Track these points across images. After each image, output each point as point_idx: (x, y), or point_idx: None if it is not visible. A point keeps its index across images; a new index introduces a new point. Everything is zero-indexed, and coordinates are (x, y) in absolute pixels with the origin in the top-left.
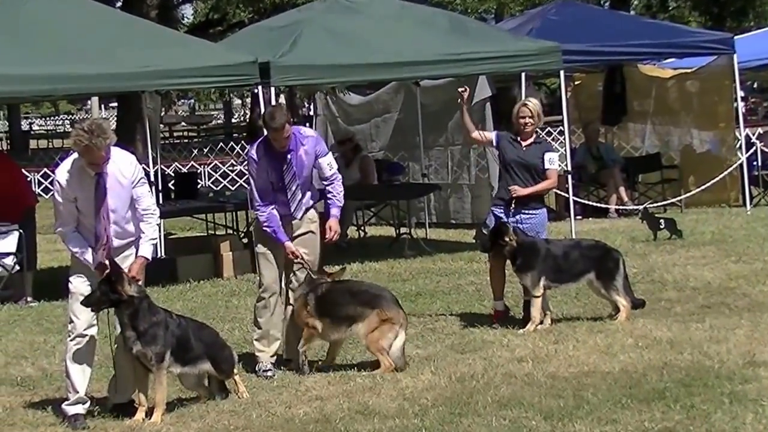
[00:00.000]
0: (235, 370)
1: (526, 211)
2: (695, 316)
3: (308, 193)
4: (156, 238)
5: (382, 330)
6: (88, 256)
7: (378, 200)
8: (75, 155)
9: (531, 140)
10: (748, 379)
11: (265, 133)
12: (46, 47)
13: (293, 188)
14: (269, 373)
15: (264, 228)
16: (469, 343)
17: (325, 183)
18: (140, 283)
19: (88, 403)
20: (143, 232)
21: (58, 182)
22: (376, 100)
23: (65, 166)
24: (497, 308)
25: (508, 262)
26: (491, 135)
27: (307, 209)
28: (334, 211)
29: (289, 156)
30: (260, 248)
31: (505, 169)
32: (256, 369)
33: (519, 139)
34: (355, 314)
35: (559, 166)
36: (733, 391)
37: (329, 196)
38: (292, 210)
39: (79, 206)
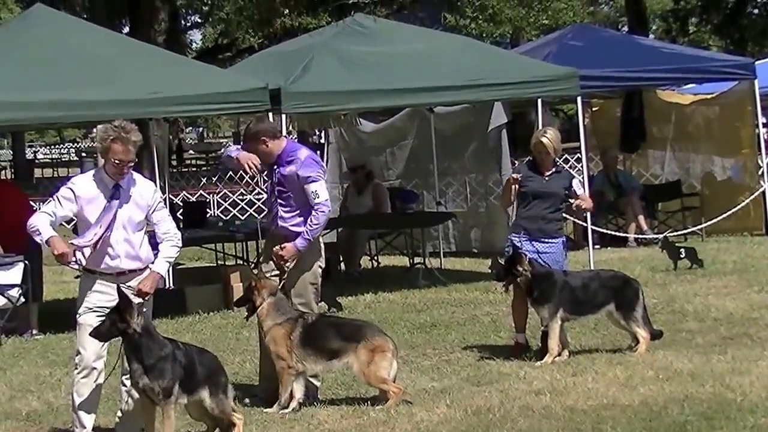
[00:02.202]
0: (233, 404)
1: (546, 240)
2: (717, 348)
3: (293, 216)
4: (172, 258)
5: (375, 362)
6: (41, 237)
7: (391, 229)
8: (94, 171)
9: (552, 170)
10: None
11: None
12: (52, 73)
13: (272, 201)
14: None
15: None
16: (485, 375)
17: (312, 210)
18: (148, 299)
19: None
20: (161, 250)
21: (72, 185)
22: (389, 128)
23: (86, 174)
24: (518, 340)
25: None
26: (516, 177)
27: (294, 232)
28: (298, 242)
29: (275, 167)
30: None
31: (524, 199)
32: None
33: (540, 169)
34: (341, 347)
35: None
36: (756, 425)
37: (307, 225)
38: (270, 220)
39: (87, 214)
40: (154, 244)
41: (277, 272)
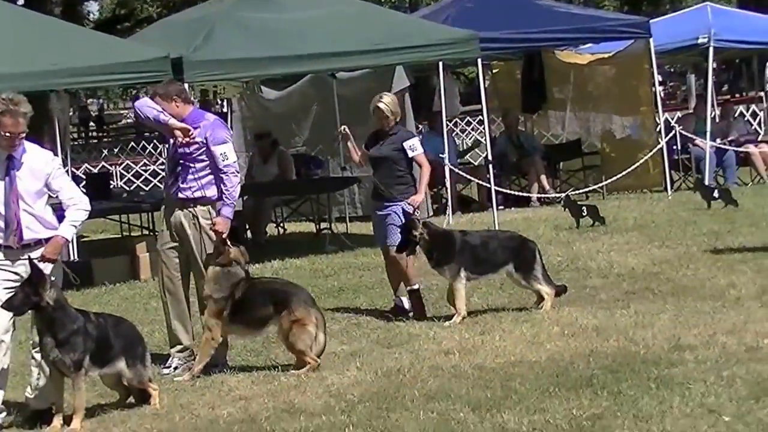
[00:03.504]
0: (150, 373)
1: (386, 204)
2: (620, 303)
3: (196, 180)
4: (78, 221)
5: (294, 334)
6: None
7: (297, 195)
8: None
9: (392, 134)
10: (674, 363)
11: None
12: None
13: (172, 167)
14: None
15: None
16: (395, 337)
17: (221, 175)
18: (51, 260)
19: (4, 413)
20: (66, 215)
21: None
22: (292, 95)
23: None
24: (396, 303)
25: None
26: (343, 130)
27: (192, 199)
28: (224, 211)
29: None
30: None
31: (372, 166)
32: None
33: (380, 133)
34: (267, 315)
35: (482, 155)
36: (659, 376)
37: (222, 191)
38: (167, 186)
39: None
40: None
41: (174, 244)
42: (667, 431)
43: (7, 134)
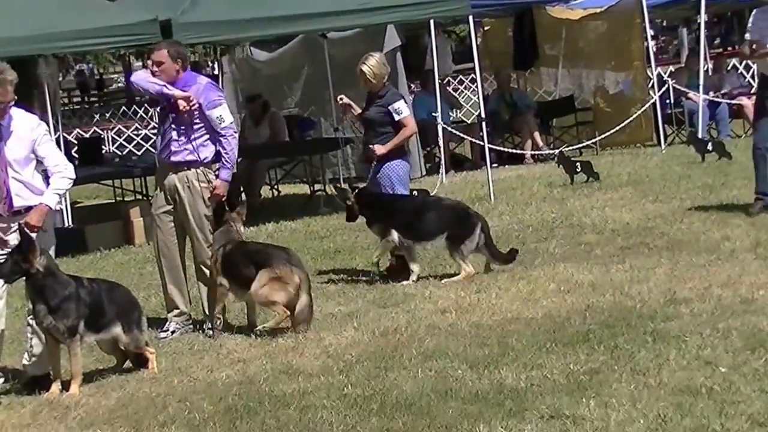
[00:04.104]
0: (146, 337)
1: (384, 163)
2: (615, 258)
3: (188, 143)
4: (61, 190)
5: (270, 286)
6: None
7: (290, 157)
8: None
9: (379, 95)
10: (670, 317)
11: None
12: None
13: (165, 129)
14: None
15: None
16: (391, 297)
17: (219, 138)
18: (37, 230)
19: (2, 380)
20: (51, 183)
21: None
22: (283, 56)
23: None
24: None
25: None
26: (341, 99)
27: (185, 162)
28: (223, 174)
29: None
30: None
31: (363, 128)
32: None
33: (369, 96)
34: (251, 276)
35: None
36: (655, 329)
37: (221, 155)
38: (159, 150)
39: None
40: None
41: (168, 208)
42: (664, 384)
43: None
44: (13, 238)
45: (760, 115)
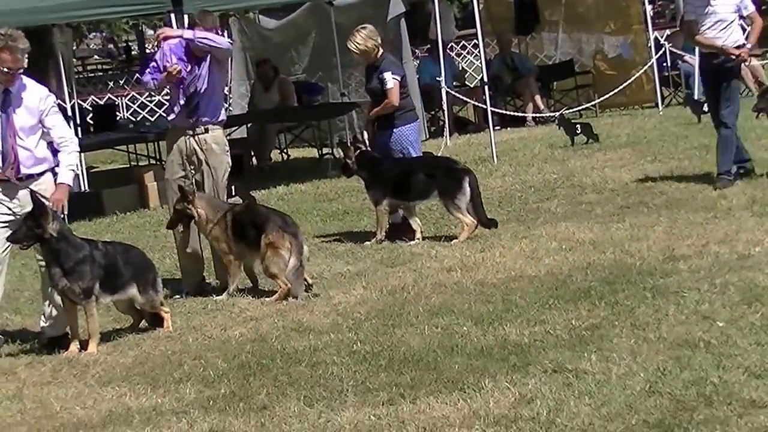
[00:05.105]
0: (161, 297)
1: (380, 131)
2: (615, 217)
3: (210, 107)
4: (74, 165)
5: (268, 258)
6: None
7: (299, 121)
8: None
9: (375, 66)
10: (669, 273)
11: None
12: None
13: (178, 93)
14: None
15: None
16: (398, 256)
17: None
18: (65, 210)
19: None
20: (61, 161)
21: None
22: (291, 23)
23: None
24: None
25: None
26: None
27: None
28: None
29: (199, 63)
30: None
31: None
32: None
33: (370, 68)
34: (255, 241)
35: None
36: (654, 286)
37: None
38: (176, 112)
39: None
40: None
41: (182, 174)
42: (664, 338)
43: (6, 70)
44: (16, 205)
45: (712, 96)
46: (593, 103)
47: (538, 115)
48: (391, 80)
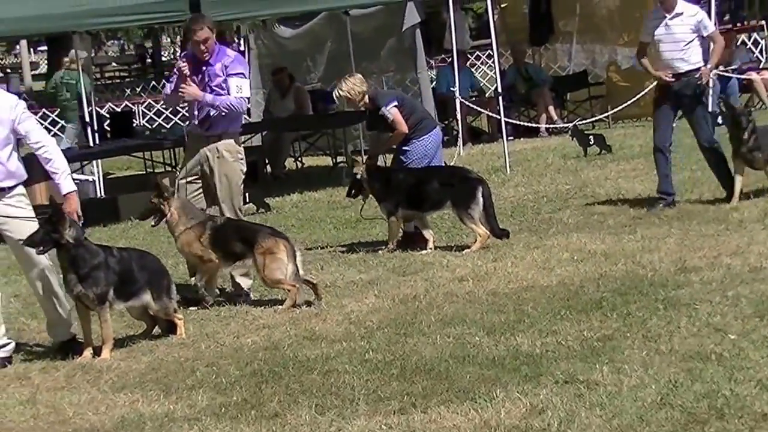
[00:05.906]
0: (175, 304)
1: (403, 148)
2: (627, 228)
3: (223, 116)
4: (68, 170)
5: (267, 266)
6: None
7: (314, 130)
8: None
9: (372, 110)
10: (681, 285)
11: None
12: None
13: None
14: None
15: None
16: (410, 265)
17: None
18: (81, 218)
19: (12, 344)
20: (53, 170)
21: None
22: (308, 32)
23: None
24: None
25: None
26: None
27: (219, 133)
28: (207, 97)
29: (204, 68)
30: None
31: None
32: None
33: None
34: (241, 252)
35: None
36: (666, 297)
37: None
38: (200, 120)
39: None
40: None
41: (193, 177)
42: (675, 350)
43: None
44: None
45: (657, 117)
46: (606, 114)
47: (551, 125)
48: (390, 112)
